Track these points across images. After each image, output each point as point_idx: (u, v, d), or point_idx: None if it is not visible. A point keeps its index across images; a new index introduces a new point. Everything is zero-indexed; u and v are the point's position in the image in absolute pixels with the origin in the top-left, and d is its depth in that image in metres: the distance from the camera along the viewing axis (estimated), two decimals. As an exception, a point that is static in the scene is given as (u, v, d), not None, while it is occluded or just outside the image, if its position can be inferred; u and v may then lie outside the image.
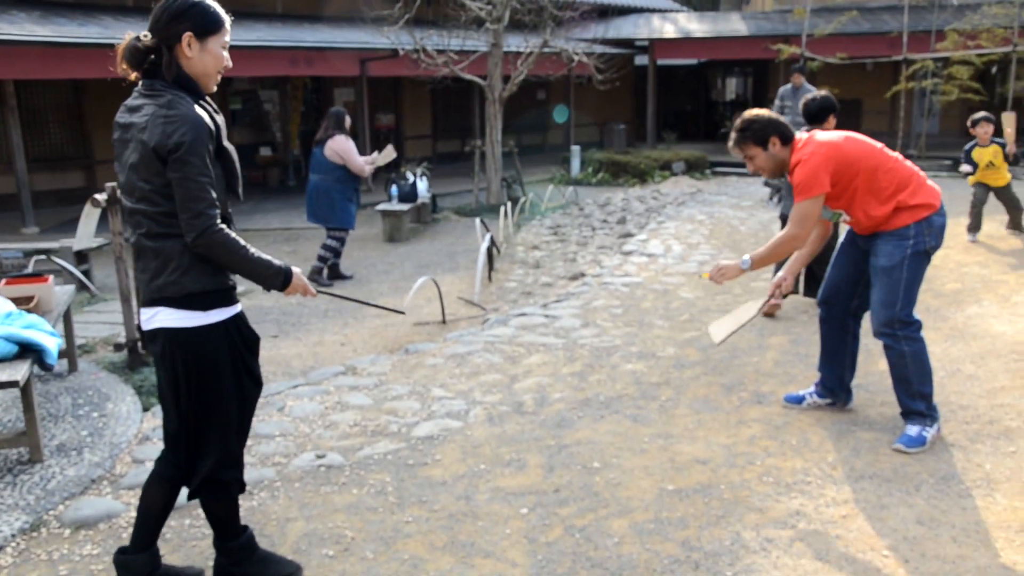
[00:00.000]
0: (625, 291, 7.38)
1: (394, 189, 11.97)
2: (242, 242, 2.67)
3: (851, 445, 4.07)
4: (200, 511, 3.57)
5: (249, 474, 3.89)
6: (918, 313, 4.08)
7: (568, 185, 15.89)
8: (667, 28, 21.50)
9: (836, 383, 4.48)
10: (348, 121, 8.87)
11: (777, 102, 12.73)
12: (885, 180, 3.98)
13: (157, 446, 4.22)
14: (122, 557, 2.92)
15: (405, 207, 11.69)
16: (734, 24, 21.12)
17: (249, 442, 4.28)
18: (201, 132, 2.57)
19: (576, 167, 18.03)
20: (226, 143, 2.75)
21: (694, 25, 21.71)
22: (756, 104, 24.17)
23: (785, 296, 4.55)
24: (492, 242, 9.16)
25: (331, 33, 15.76)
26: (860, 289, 4.32)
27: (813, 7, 18.67)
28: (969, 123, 8.97)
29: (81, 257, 8.32)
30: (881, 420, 4.35)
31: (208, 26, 2.67)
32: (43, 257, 8.03)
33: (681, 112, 26.64)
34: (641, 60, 22.71)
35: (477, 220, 9.75)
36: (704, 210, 12.18)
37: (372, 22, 14.08)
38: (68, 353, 5.28)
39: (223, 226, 2.63)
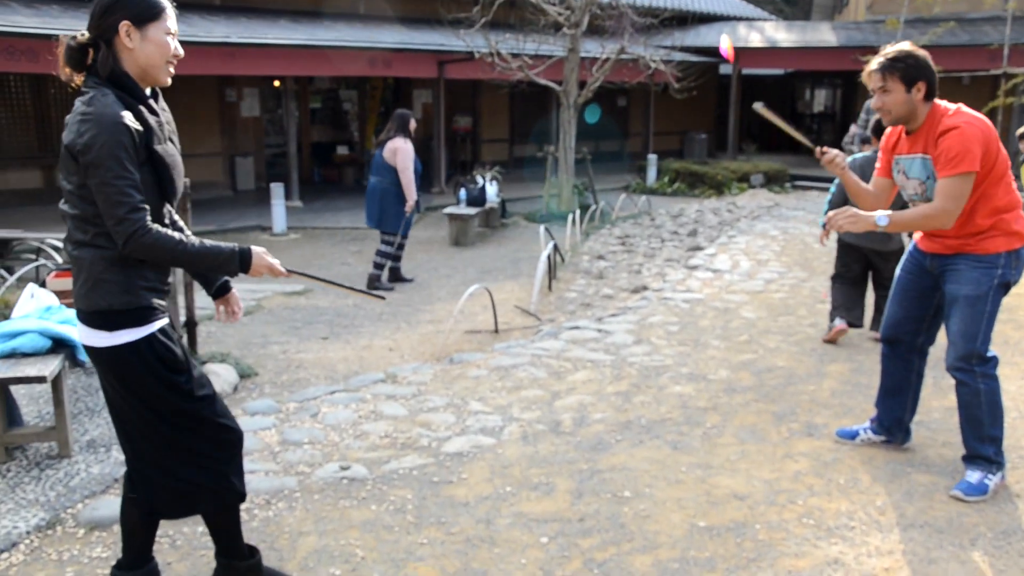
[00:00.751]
0: (685, 307, 7.14)
1: (463, 192, 11.92)
2: (179, 236, 2.46)
3: (904, 488, 3.78)
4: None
5: (271, 483, 3.83)
6: (994, 347, 3.78)
7: (642, 194, 15.63)
8: (753, 36, 21.01)
9: (894, 422, 4.18)
10: (413, 124, 8.73)
11: (863, 115, 12.25)
12: (1001, 191, 3.62)
13: (186, 447, 4.18)
14: (118, 573, 2.83)
15: (472, 211, 11.62)
16: (823, 34, 20.53)
17: (276, 448, 4.23)
18: (116, 132, 2.35)
19: (652, 176, 17.75)
20: (160, 147, 2.49)
21: (781, 34, 21.17)
22: (844, 117, 23.49)
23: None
24: (556, 250, 9.01)
25: (409, 35, 15.82)
26: (927, 324, 4.00)
27: (907, 18, 18.00)
28: (1018, 135, 8.44)
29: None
30: (940, 462, 4.05)
31: (145, 12, 2.48)
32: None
33: (765, 123, 25.96)
34: (725, 69, 22.26)
35: (541, 227, 9.61)
36: (779, 225, 11.80)
37: (450, 24, 14.08)
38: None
39: (153, 226, 2.41)
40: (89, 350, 2.55)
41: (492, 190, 12.37)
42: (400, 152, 8.47)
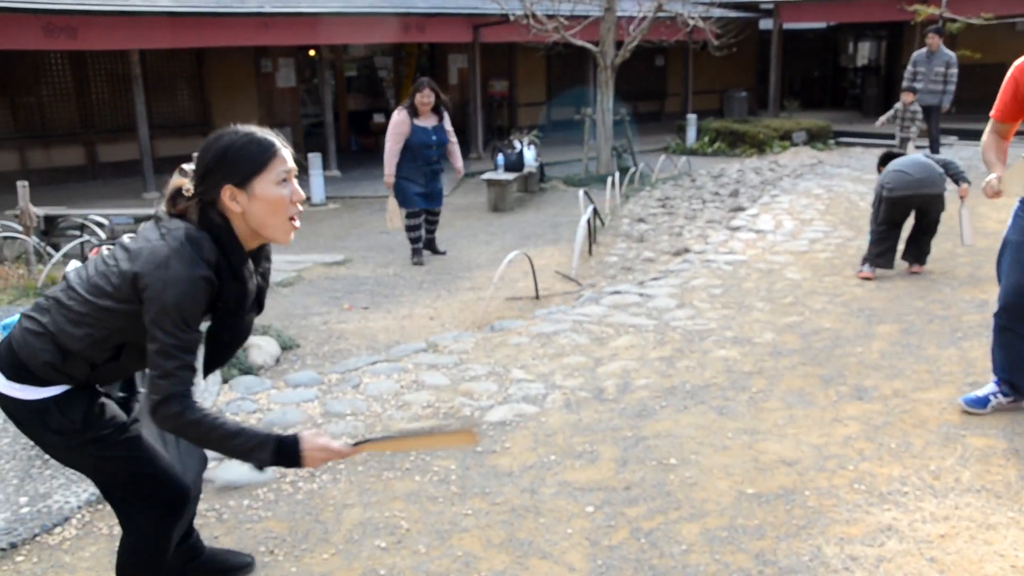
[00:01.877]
0: (728, 269, 7.02)
1: (500, 158, 11.82)
2: (213, 415, 2.16)
3: (958, 452, 3.68)
4: (260, 491, 3.53)
5: (315, 454, 3.82)
6: None
7: (682, 155, 15.40)
8: (794, -10, 20.46)
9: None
10: (426, 94, 7.97)
11: (910, 68, 11.92)
12: None
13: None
14: None
15: (511, 176, 11.53)
16: (867, -16, 19.92)
17: (319, 420, 4.23)
18: (192, 287, 2.12)
19: (692, 136, 17.47)
20: (227, 296, 2.24)
21: (823, -14, 20.59)
22: (889, 71, 22.88)
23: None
24: (596, 214, 8.90)
25: (443, -1, 15.65)
26: None
27: (955, -36, 17.39)
28: None
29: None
30: (997, 425, 3.94)
31: (248, 169, 2.19)
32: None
33: (807, 79, 25.45)
34: (766, 24, 21.74)
35: (580, 191, 9.50)
36: (822, 183, 11.55)
37: (484, -13, 13.90)
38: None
39: (191, 401, 2.13)
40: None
41: (530, 154, 12.25)
42: (391, 122, 8.06)
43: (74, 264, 4.73)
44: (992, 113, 3.91)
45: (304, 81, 17.70)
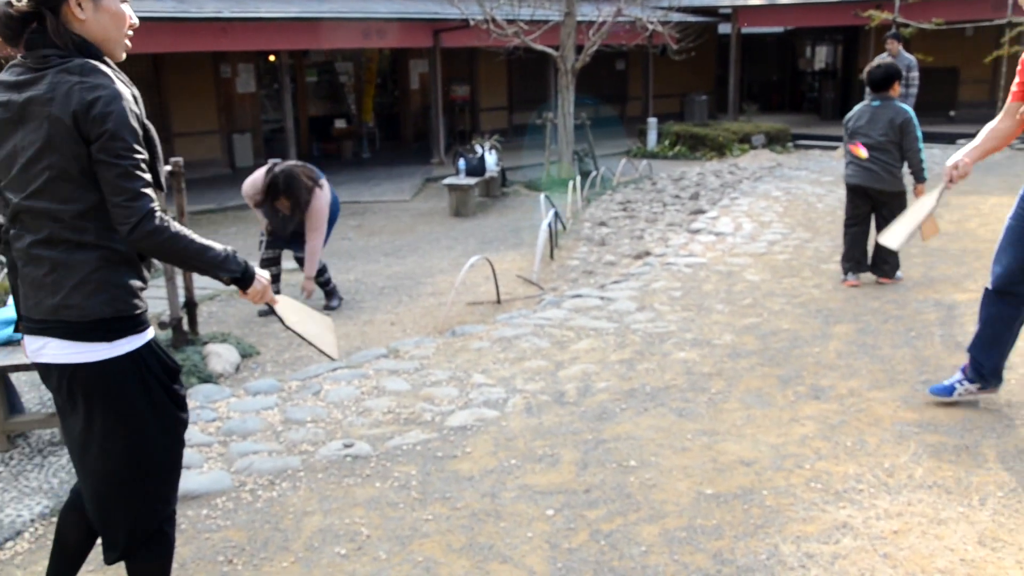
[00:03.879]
0: (687, 272, 7.08)
1: (462, 163, 11.83)
2: (186, 229, 2.21)
3: (911, 450, 3.75)
4: (219, 499, 3.50)
5: (274, 462, 3.81)
6: None
7: (643, 158, 15.51)
8: (752, -6, 20.73)
9: (992, 370, 4.10)
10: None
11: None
12: None
13: (189, 429, 4.15)
14: None
15: (472, 181, 11.55)
16: (823, -11, 20.22)
17: (279, 427, 4.20)
18: (125, 102, 2.11)
19: (652, 140, 17.61)
20: (147, 122, 2.23)
21: (780, -9, 20.88)
22: (846, 75, 23.24)
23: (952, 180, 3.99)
24: (557, 218, 8.94)
25: (404, 4, 15.64)
26: None
27: (908, -30, 17.72)
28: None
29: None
30: (948, 422, 4.01)
31: None
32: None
33: (766, 83, 25.79)
34: (724, 28, 22.00)
35: (542, 195, 9.53)
36: (781, 186, 11.70)
37: (444, -8, 13.91)
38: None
39: (164, 214, 2.16)
40: (71, 372, 2.19)
41: (492, 159, 12.27)
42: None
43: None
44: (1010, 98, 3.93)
45: (264, 87, 17.58)
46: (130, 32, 2.31)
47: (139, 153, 2.13)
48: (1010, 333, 4.04)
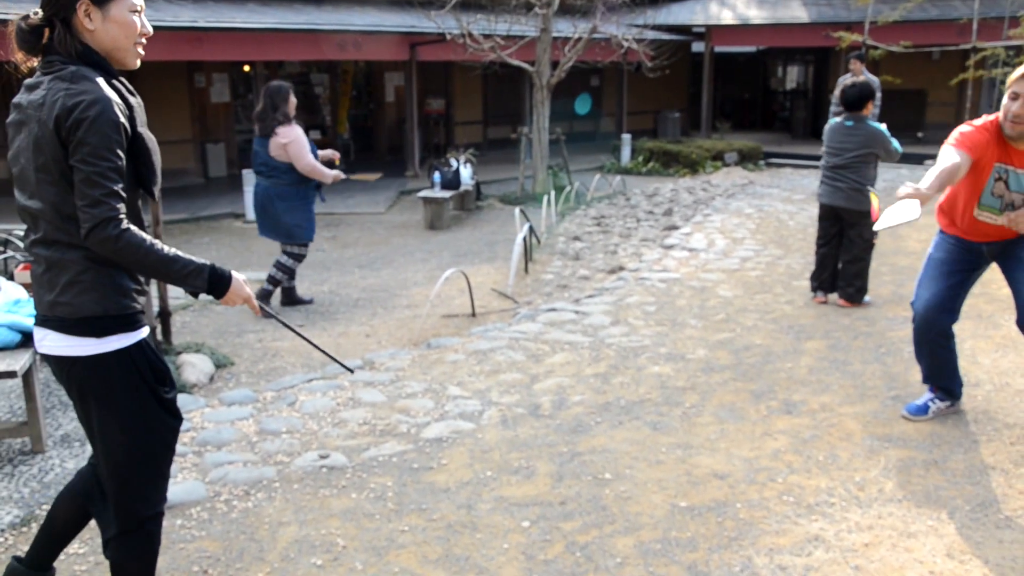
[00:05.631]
0: (661, 287, 7.14)
1: (436, 176, 11.84)
2: (150, 239, 2.24)
3: (882, 464, 3.81)
4: (193, 510, 3.48)
5: (249, 473, 3.79)
6: (967, 319, 3.87)
7: (617, 174, 15.61)
8: (725, 14, 20.96)
9: (956, 385, 4.33)
10: (293, 101, 6.73)
11: (836, 92, 12.27)
12: None
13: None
14: (19, 568, 2.69)
15: (447, 194, 11.55)
16: (794, 10, 20.50)
17: (254, 438, 4.19)
18: (109, 110, 2.17)
19: (626, 156, 17.73)
20: (142, 129, 2.32)
21: (753, 11, 21.13)
22: (816, 94, 23.56)
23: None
24: (532, 232, 8.97)
25: (380, 17, 15.67)
26: (960, 304, 4.17)
27: (878, -7, 18.02)
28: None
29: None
30: (917, 437, 4.08)
31: None
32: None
33: (738, 101, 26.07)
34: (698, 47, 22.22)
35: (516, 210, 9.57)
36: (753, 203, 11.83)
37: (421, 6, 13.95)
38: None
39: (127, 224, 2.20)
40: (66, 364, 2.31)
41: (466, 173, 12.29)
42: (293, 144, 6.59)
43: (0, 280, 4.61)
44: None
45: (238, 97, 17.51)
46: (143, 41, 2.40)
47: (108, 160, 2.17)
48: (952, 353, 4.25)
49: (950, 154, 3.80)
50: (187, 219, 12.27)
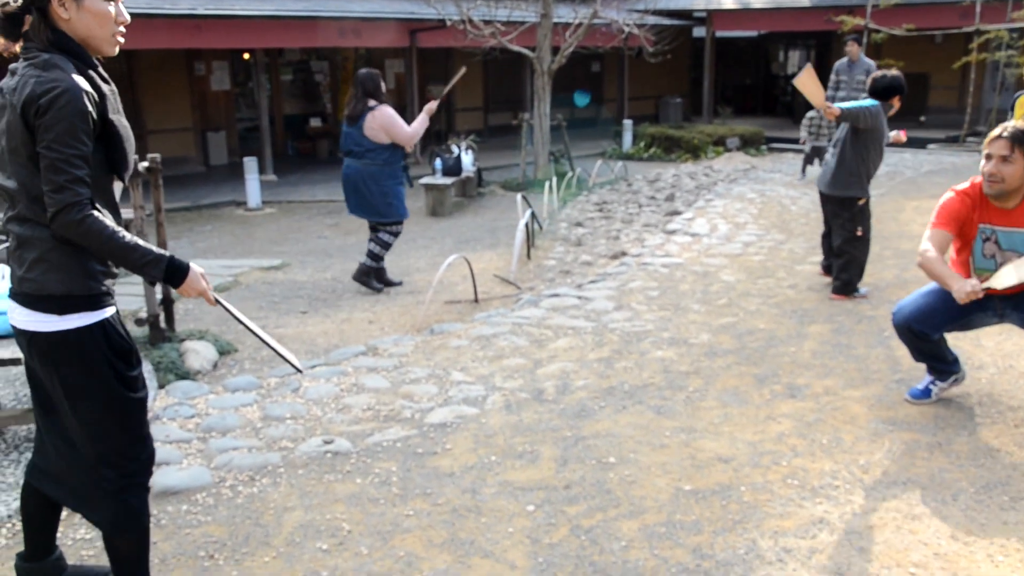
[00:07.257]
0: (664, 272, 7.14)
1: (438, 162, 11.83)
2: (112, 225, 2.29)
3: (886, 447, 3.81)
4: (199, 495, 3.49)
5: (254, 459, 3.80)
6: None
7: (618, 160, 15.57)
8: (726, -1, 20.89)
9: (951, 361, 4.28)
10: (382, 87, 7.10)
11: (832, 76, 12.24)
12: None
13: (167, 426, 4.15)
14: (24, 565, 2.72)
15: (449, 181, 11.54)
16: (796, -5, 20.43)
17: (259, 424, 4.20)
18: (77, 97, 2.21)
19: (628, 141, 17.69)
20: (114, 117, 2.35)
21: (755, -4, 21.06)
22: (819, 79, 23.45)
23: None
24: (534, 218, 8.96)
25: (380, 3, 15.62)
26: (949, 329, 4.17)
27: (880, -23, 17.94)
28: None
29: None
30: (921, 420, 4.08)
31: None
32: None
33: (740, 86, 25.99)
34: (699, 32, 22.15)
35: (518, 196, 9.56)
36: (755, 188, 11.81)
37: (421, -8, 13.90)
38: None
39: (91, 209, 2.25)
40: (29, 337, 2.38)
41: (468, 159, 12.28)
42: (388, 121, 6.92)
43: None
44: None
45: (239, 84, 17.47)
46: (122, 29, 2.42)
47: (72, 148, 2.21)
48: (935, 344, 4.21)
49: (933, 239, 3.90)
50: (189, 207, 12.27)
